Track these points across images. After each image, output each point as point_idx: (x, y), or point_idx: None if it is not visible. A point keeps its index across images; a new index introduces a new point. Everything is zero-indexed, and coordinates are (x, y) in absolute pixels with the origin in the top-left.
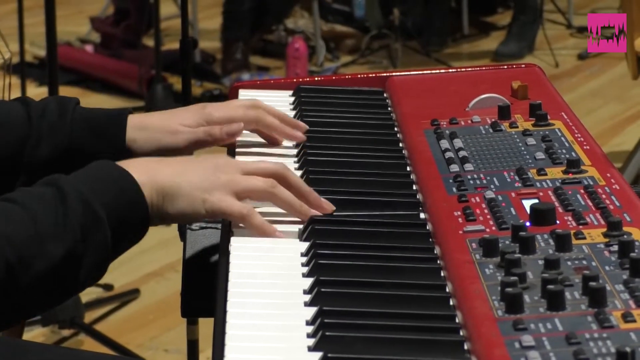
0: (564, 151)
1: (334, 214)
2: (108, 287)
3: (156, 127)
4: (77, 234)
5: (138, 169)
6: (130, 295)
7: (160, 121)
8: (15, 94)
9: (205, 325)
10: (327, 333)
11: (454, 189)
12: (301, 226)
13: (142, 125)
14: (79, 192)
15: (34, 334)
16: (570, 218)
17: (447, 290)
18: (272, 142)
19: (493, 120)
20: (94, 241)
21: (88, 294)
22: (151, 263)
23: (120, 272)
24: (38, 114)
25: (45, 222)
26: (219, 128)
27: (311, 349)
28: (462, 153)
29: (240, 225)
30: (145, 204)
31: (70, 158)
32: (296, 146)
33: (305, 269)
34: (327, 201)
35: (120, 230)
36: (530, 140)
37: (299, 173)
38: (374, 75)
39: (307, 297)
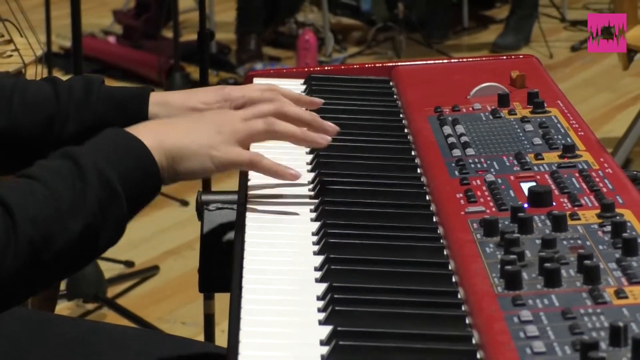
0: (559, 137)
1: (344, 199)
2: (129, 264)
3: (177, 104)
4: (95, 208)
5: (147, 134)
6: (150, 271)
7: (181, 99)
8: None
9: (221, 300)
10: (337, 308)
11: (456, 172)
12: (312, 206)
13: (163, 101)
14: (95, 166)
15: (60, 307)
16: (566, 200)
17: (450, 267)
18: None
19: (493, 107)
20: (112, 213)
21: (110, 270)
22: (170, 242)
23: (140, 250)
24: (65, 92)
25: (65, 199)
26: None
27: (322, 322)
28: (463, 138)
29: (255, 202)
30: (156, 169)
31: (95, 133)
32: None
33: (316, 247)
34: (330, 123)
35: (135, 196)
36: (528, 127)
37: (309, 157)
38: (380, 65)
39: (318, 274)
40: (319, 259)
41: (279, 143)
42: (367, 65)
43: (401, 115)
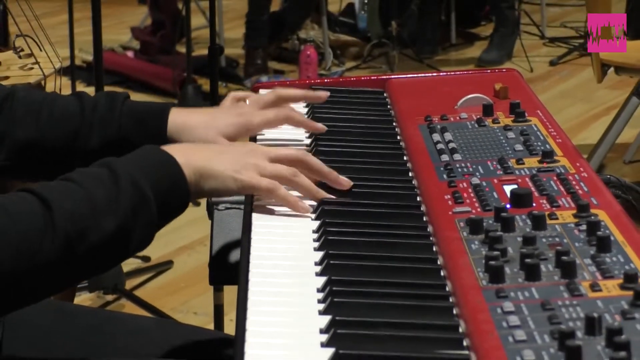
0: (539, 144)
1: (341, 199)
2: (146, 258)
3: (197, 134)
4: (127, 211)
5: (179, 152)
6: (165, 265)
7: (201, 128)
8: (67, 93)
9: (230, 292)
10: (335, 299)
11: (445, 176)
12: (314, 204)
13: (185, 126)
14: (129, 175)
15: (82, 298)
16: (545, 201)
17: (439, 262)
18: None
19: (478, 117)
20: (142, 217)
21: (128, 265)
22: (183, 238)
23: (156, 246)
24: (90, 108)
25: (100, 200)
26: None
27: (321, 312)
28: (451, 145)
29: (261, 203)
30: (186, 184)
31: (118, 147)
32: (309, 137)
33: (316, 244)
34: (344, 178)
35: (165, 206)
36: (510, 134)
37: None
38: (375, 77)
39: (318, 268)
40: (319, 254)
41: (285, 139)
42: (363, 78)
43: (394, 124)
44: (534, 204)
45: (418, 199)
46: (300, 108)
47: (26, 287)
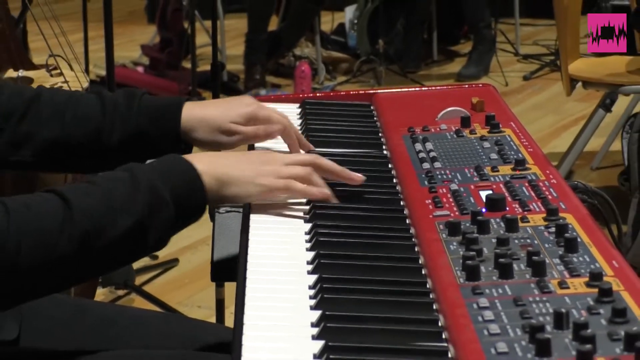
0: (512, 153)
1: (332, 203)
2: (153, 256)
3: (213, 124)
4: (144, 211)
5: (201, 161)
6: (171, 263)
7: (216, 117)
8: None
9: (230, 288)
10: (326, 295)
11: (426, 182)
12: (305, 211)
13: (200, 117)
14: (148, 179)
15: (95, 293)
16: (517, 206)
17: (420, 262)
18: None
19: (457, 128)
20: (159, 218)
21: (138, 262)
22: (187, 238)
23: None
24: (111, 107)
25: (117, 199)
26: (263, 130)
27: (312, 307)
28: (432, 154)
29: (258, 207)
30: (203, 191)
31: (137, 142)
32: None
33: (308, 245)
34: (356, 173)
35: (182, 209)
36: (486, 144)
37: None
38: (363, 92)
39: (310, 267)
40: (311, 254)
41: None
42: (351, 92)
43: (380, 134)
44: (507, 208)
45: (401, 203)
46: (294, 120)
47: (44, 279)
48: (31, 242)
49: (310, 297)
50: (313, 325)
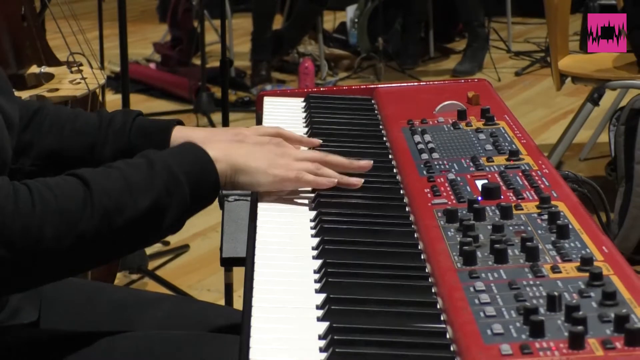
0: (506, 144)
1: (334, 192)
2: (165, 242)
3: (198, 138)
4: (162, 191)
5: (216, 148)
6: (182, 249)
7: (203, 135)
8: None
9: (238, 272)
10: (330, 279)
11: (424, 172)
12: (310, 199)
13: (187, 135)
14: (165, 162)
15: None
16: (511, 194)
17: (419, 247)
18: None
19: (453, 120)
20: (175, 198)
21: (150, 248)
22: (197, 225)
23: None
24: (106, 123)
25: (136, 180)
26: None
27: (317, 291)
28: (430, 145)
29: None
30: (216, 175)
31: (128, 156)
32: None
33: (313, 231)
34: (364, 160)
35: (197, 192)
36: (482, 136)
37: None
38: (364, 86)
39: (315, 252)
40: (316, 240)
41: None
42: (353, 87)
43: (380, 127)
44: (502, 197)
45: (401, 192)
46: (299, 114)
47: (67, 258)
48: (54, 222)
49: (315, 281)
50: (318, 307)
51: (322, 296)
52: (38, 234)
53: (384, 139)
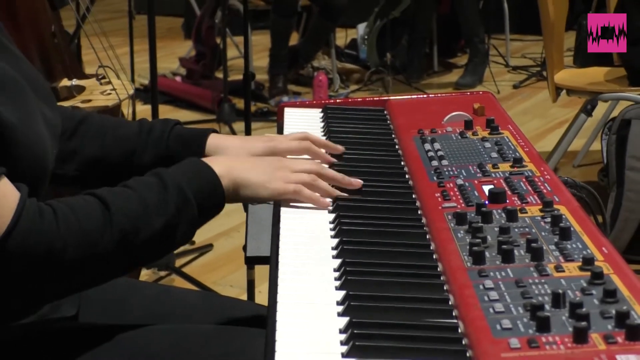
0: (510, 152)
1: (353, 196)
2: (191, 242)
3: (232, 146)
4: (173, 211)
5: (220, 165)
6: (207, 248)
7: (235, 147)
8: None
9: (258, 270)
10: (349, 277)
11: (435, 178)
12: (330, 201)
13: (221, 146)
14: (176, 182)
15: (141, 274)
16: (516, 198)
17: (431, 248)
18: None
19: (461, 130)
20: (185, 216)
21: None
22: (221, 226)
23: (199, 232)
24: (146, 131)
25: (150, 202)
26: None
27: (337, 288)
28: (440, 153)
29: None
30: (221, 191)
31: (166, 163)
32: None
33: (332, 232)
34: (354, 179)
35: (204, 208)
36: (487, 144)
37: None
38: (377, 98)
39: (334, 252)
40: (335, 241)
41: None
42: (367, 99)
43: (393, 136)
44: (508, 201)
45: (413, 196)
46: (317, 123)
47: (88, 273)
48: (76, 241)
49: (335, 279)
50: (338, 303)
51: (342, 293)
52: (61, 253)
53: (397, 147)
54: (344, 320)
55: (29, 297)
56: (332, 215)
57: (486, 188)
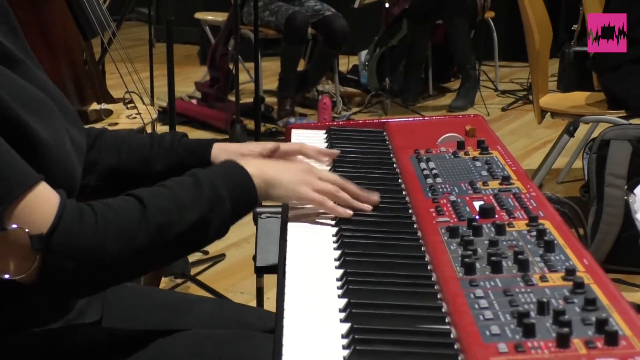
0: (499, 170)
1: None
2: (205, 252)
3: (233, 150)
4: (206, 207)
5: (252, 166)
6: (219, 257)
7: (236, 147)
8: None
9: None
10: (350, 286)
11: (429, 194)
12: (332, 216)
13: (224, 149)
14: (210, 180)
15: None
16: (504, 214)
17: (426, 259)
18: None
19: (454, 150)
20: (218, 212)
21: (192, 256)
22: (232, 237)
23: (213, 243)
24: (157, 142)
25: (184, 198)
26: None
27: (340, 296)
28: (434, 171)
29: (294, 214)
30: (254, 190)
31: (177, 170)
32: (328, 166)
33: (335, 245)
34: (372, 193)
35: (237, 204)
36: (478, 163)
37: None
38: (377, 120)
39: (337, 263)
40: (337, 252)
41: None
42: (367, 121)
43: (391, 155)
44: (497, 216)
45: (410, 211)
46: (322, 143)
47: (125, 268)
48: (115, 238)
49: (338, 288)
50: (340, 310)
51: (344, 301)
52: (101, 249)
53: (394, 165)
54: (346, 326)
55: (70, 289)
56: (335, 229)
57: (477, 204)
